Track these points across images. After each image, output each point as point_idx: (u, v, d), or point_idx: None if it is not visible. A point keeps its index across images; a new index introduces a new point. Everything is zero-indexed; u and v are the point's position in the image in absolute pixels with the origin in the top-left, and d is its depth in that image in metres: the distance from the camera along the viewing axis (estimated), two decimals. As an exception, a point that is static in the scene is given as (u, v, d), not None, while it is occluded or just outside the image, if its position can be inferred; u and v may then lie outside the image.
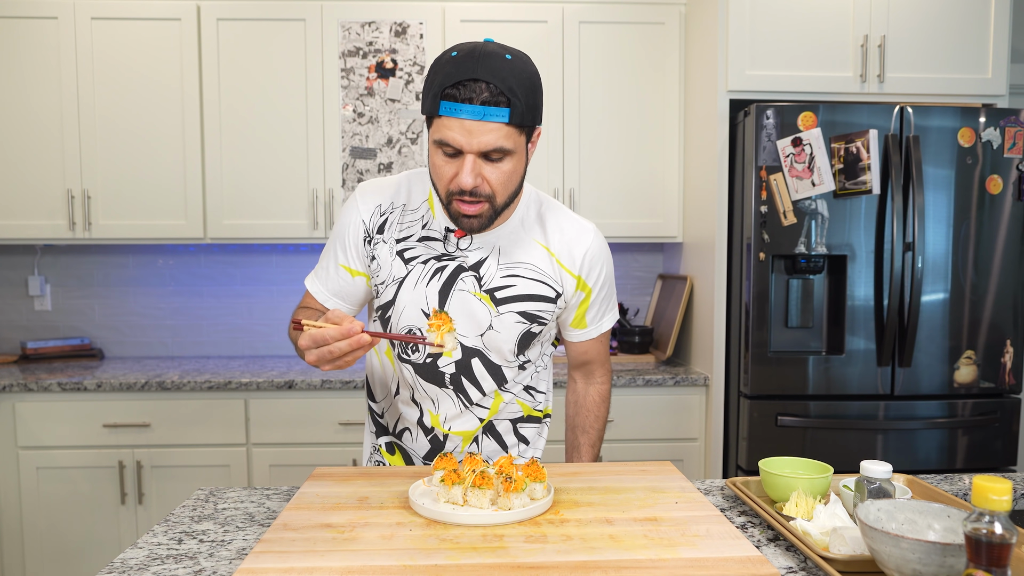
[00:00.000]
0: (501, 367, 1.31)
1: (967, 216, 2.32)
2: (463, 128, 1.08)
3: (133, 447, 2.49)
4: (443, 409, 1.33)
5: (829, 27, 2.43)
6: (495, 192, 1.15)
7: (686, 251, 2.83)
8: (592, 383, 1.46)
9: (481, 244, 1.26)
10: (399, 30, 2.73)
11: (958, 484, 1.32)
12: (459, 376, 1.30)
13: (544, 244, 1.28)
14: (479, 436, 1.37)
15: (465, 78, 1.07)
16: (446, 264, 1.26)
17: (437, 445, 1.37)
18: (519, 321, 1.27)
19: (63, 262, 3.06)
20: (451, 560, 0.88)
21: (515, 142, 1.12)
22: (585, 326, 1.38)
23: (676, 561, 0.89)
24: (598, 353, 1.44)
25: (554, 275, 1.29)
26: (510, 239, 1.27)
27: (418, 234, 1.28)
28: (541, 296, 1.28)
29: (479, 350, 1.29)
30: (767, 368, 2.33)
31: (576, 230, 1.30)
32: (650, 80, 2.80)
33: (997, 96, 2.47)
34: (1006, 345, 2.36)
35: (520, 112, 1.09)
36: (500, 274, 1.26)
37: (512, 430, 1.39)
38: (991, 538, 0.72)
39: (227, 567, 0.95)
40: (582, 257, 1.29)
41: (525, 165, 1.19)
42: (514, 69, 1.09)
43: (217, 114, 2.71)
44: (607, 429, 2.56)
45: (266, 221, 2.74)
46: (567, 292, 1.30)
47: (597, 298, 1.34)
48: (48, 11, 2.65)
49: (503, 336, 1.27)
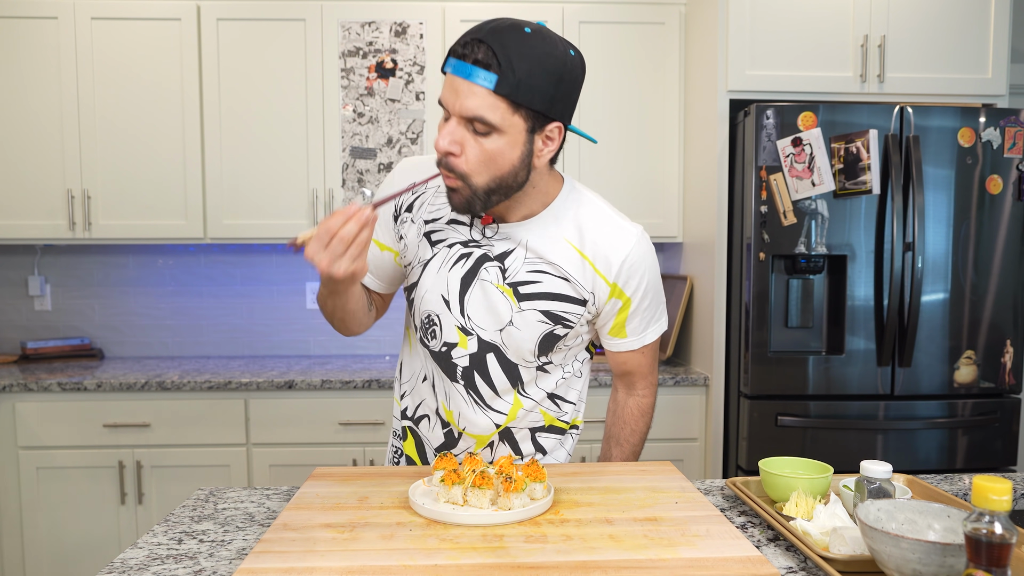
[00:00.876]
0: (518, 366, 1.24)
1: (967, 216, 2.32)
2: (452, 86, 1.03)
3: (133, 447, 2.49)
4: (455, 405, 1.26)
5: (829, 27, 2.43)
6: (469, 171, 1.06)
7: (686, 251, 2.83)
8: (632, 394, 1.38)
9: (508, 235, 1.19)
10: (399, 30, 2.73)
11: (958, 484, 1.32)
12: (471, 371, 1.23)
13: (578, 247, 1.19)
14: (494, 442, 1.29)
15: (471, 37, 1.02)
16: (471, 251, 1.20)
17: (451, 441, 1.30)
18: (541, 320, 1.19)
19: (63, 262, 3.06)
20: (451, 560, 0.88)
21: (504, 119, 1.03)
22: (625, 336, 1.28)
23: (676, 561, 0.89)
24: (639, 364, 1.34)
25: (584, 280, 1.19)
26: (540, 235, 1.19)
27: (447, 216, 1.21)
28: (568, 297, 1.19)
29: (496, 346, 1.21)
30: (767, 368, 2.33)
31: (616, 235, 1.20)
32: (650, 80, 2.80)
33: (997, 96, 2.47)
34: (1006, 345, 2.36)
35: (512, 85, 1.00)
36: (526, 268, 1.18)
37: (530, 438, 1.31)
38: (991, 538, 0.72)
39: (227, 567, 0.95)
40: (620, 264, 1.19)
41: (524, 157, 1.08)
42: (527, 42, 1.01)
43: (217, 114, 2.71)
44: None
45: (266, 221, 2.74)
46: (599, 299, 1.21)
47: (639, 308, 1.24)
48: (48, 11, 2.65)
49: (524, 335, 1.20)
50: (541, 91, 1.03)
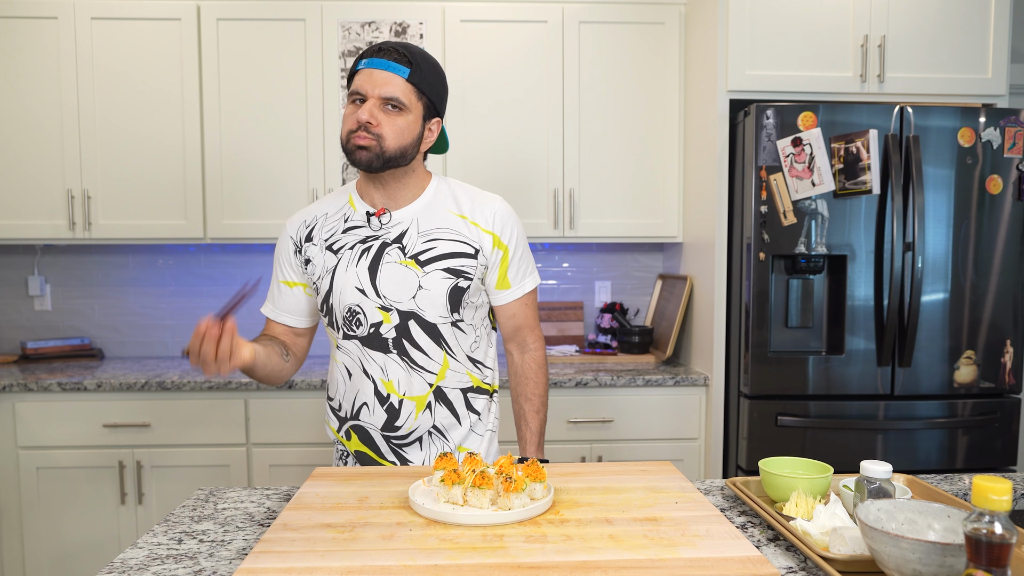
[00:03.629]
0: (436, 325, 1.42)
1: (967, 216, 2.32)
2: (370, 77, 1.34)
3: (133, 447, 2.49)
4: (392, 374, 1.43)
5: (829, 27, 2.43)
6: (385, 135, 1.33)
7: (686, 251, 2.83)
8: (527, 351, 1.56)
9: (400, 219, 1.43)
10: (399, 30, 2.73)
11: (958, 484, 1.32)
12: (400, 340, 1.42)
13: (457, 212, 1.44)
14: (431, 402, 1.45)
15: (383, 46, 1.36)
16: (371, 244, 1.42)
17: (393, 414, 1.44)
18: (445, 277, 1.40)
19: (63, 262, 3.06)
20: (451, 560, 0.88)
21: (411, 102, 1.35)
22: (509, 285, 1.49)
23: (676, 561, 0.89)
24: (527, 317, 1.54)
25: (471, 235, 1.43)
26: (425, 212, 1.43)
27: (342, 228, 1.45)
28: (461, 253, 1.42)
29: (414, 312, 1.41)
30: (767, 368, 2.33)
31: (484, 198, 1.48)
32: (650, 80, 2.80)
33: (997, 96, 2.47)
34: (1006, 345, 2.36)
35: (420, 77, 1.35)
36: (420, 240, 1.41)
37: (463, 400, 1.48)
38: (991, 538, 0.72)
39: (227, 567, 0.95)
40: (493, 216, 1.45)
41: (417, 137, 1.38)
42: (423, 52, 1.38)
43: (217, 114, 2.71)
44: (607, 428, 2.57)
45: (266, 221, 2.74)
46: (485, 248, 1.44)
47: (515, 256, 1.48)
48: (48, 11, 2.65)
49: (433, 293, 1.40)
50: (435, 87, 1.39)
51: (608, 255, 3.18)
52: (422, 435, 1.46)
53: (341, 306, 1.43)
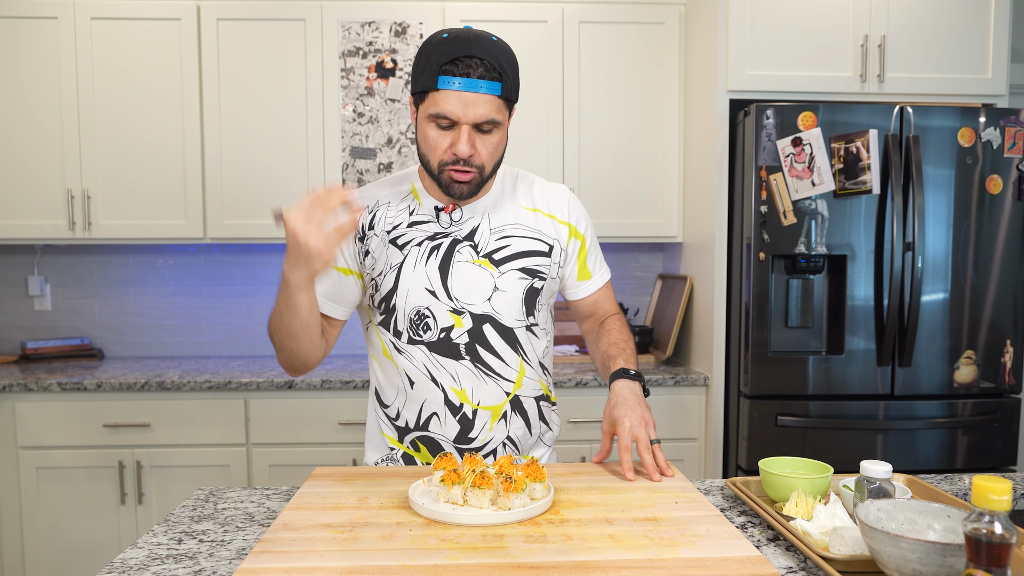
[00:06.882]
0: (513, 329, 1.34)
1: (967, 216, 2.32)
2: (460, 100, 1.18)
3: (133, 447, 2.49)
4: (466, 383, 1.33)
5: (829, 27, 2.43)
6: (485, 163, 1.24)
7: (686, 251, 2.83)
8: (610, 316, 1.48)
9: (471, 215, 1.33)
10: (399, 30, 2.73)
11: (958, 484, 1.32)
12: (473, 345, 1.32)
13: (529, 206, 1.37)
14: (507, 412, 1.35)
15: (461, 55, 1.17)
16: (440, 241, 1.32)
17: (467, 425, 1.34)
18: (521, 278, 1.33)
19: (63, 262, 3.06)
20: (451, 560, 0.88)
21: (503, 115, 1.23)
22: (590, 275, 1.44)
23: (676, 561, 0.89)
24: (607, 300, 1.48)
25: (544, 229, 1.36)
26: (496, 206, 1.35)
27: (407, 221, 1.34)
28: (536, 251, 1.35)
29: (489, 315, 1.32)
30: (767, 368, 2.33)
31: (552, 188, 1.41)
32: (650, 80, 2.80)
33: (997, 96, 2.47)
34: (1006, 345, 2.36)
35: (509, 87, 1.21)
36: (494, 238, 1.33)
37: (536, 409, 1.40)
38: (991, 538, 0.72)
39: (227, 567, 0.95)
40: (566, 206, 1.39)
41: (506, 139, 1.29)
42: (501, 48, 1.22)
43: (217, 114, 2.71)
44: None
45: (266, 221, 2.74)
46: (562, 241, 1.38)
47: (591, 245, 1.43)
48: (48, 11, 2.65)
49: (509, 295, 1.32)
50: (517, 84, 1.25)
51: (608, 255, 3.18)
52: (496, 447, 1.36)
53: (407, 308, 1.31)
